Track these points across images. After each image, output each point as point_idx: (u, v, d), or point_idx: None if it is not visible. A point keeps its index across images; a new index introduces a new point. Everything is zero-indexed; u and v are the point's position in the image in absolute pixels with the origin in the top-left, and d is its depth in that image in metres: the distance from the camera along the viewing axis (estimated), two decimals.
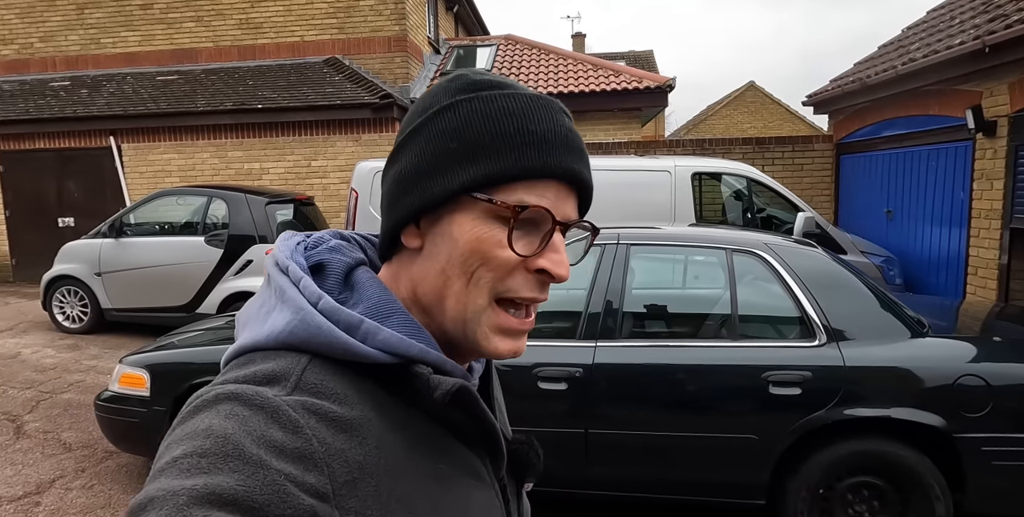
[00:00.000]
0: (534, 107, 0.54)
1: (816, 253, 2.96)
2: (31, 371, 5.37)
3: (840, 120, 8.30)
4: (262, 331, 0.52)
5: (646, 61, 19.45)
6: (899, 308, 2.77)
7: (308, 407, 0.46)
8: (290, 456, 0.43)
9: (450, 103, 0.53)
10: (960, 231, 5.76)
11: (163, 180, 9.25)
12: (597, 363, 2.71)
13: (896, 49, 7.45)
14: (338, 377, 0.49)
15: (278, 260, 0.55)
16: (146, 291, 6.21)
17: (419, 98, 0.59)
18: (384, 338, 0.50)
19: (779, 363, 2.61)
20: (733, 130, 27.25)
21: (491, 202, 0.52)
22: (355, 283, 0.56)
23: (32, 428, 4.18)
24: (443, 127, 0.53)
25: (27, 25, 10.78)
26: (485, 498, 0.57)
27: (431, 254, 0.55)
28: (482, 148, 0.52)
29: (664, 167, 5.57)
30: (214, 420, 0.43)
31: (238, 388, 0.46)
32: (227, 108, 8.85)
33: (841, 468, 2.61)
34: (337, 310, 0.51)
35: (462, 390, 0.51)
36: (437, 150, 0.53)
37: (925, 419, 2.51)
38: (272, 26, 10.21)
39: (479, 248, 0.52)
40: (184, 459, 0.41)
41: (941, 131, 5.99)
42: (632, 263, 2.95)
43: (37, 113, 9.32)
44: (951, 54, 5.30)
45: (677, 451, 2.67)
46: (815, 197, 8.27)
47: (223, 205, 6.20)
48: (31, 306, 7.80)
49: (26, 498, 3.29)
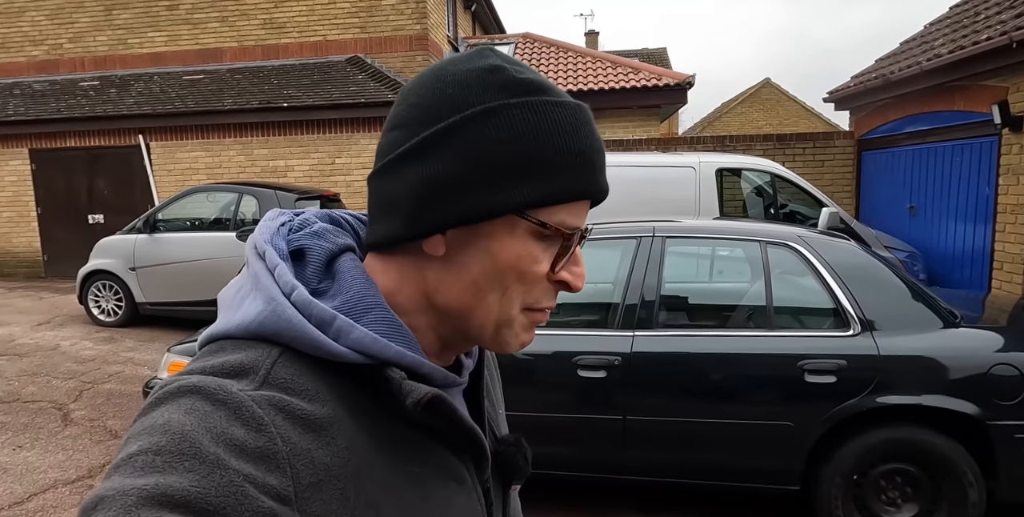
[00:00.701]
0: (580, 122, 0.51)
1: (849, 245, 3.02)
2: (71, 362, 5.53)
3: (862, 116, 8.29)
4: (234, 319, 0.49)
5: (660, 59, 19.41)
6: (932, 299, 2.82)
7: (275, 404, 0.43)
8: (251, 456, 0.40)
9: (497, 106, 0.49)
10: (985, 226, 5.76)
11: (190, 178, 9.43)
12: (635, 352, 2.79)
13: (919, 45, 7.44)
14: (310, 372, 0.47)
15: (256, 243, 0.52)
16: (179, 285, 6.36)
17: (437, 77, 0.52)
18: (357, 337, 0.48)
19: (814, 352, 2.68)
20: (748, 127, 27.12)
21: (543, 226, 0.50)
22: (337, 272, 0.53)
23: (78, 416, 4.33)
24: (493, 135, 0.48)
25: (56, 26, 11.01)
26: (467, 501, 0.55)
27: (459, 264, 0.51)
28: (537, 167, 0.49)
29: (689, 163, 5.63)
30: (173, 415, 0.41)
31: (201, 381, 0.43)
32: (253, 107, 9.01)
33: (875, 455, 2.67)
34: (310, 304, 0.48)
35: (435, 399, 0.49)
36: (487, 161, 0.49)
37: (959, 407, 2.56)
38: (295, 26, 10.36)
39: (518, 266, 0.51)
40: (139, 456, 0.39)
41: (966, 127, 5.99)
42: (667, 255, 3.02)
43: (68, 112, 9.53)
44: (977, 50, 5.31)
45: (713, 437, 2.75)
46: (836, 193, 8.27)
47: (253, 201, 6.34)
48: (65, 300, 8.00)
49: (79, 481, 3.43)
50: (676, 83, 9.75)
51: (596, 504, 3.17)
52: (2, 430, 4.07)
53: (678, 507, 3.12)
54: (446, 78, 0.51)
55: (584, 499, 3.22)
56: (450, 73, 0.51)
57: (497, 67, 0.50)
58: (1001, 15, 5.82)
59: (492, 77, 0.50)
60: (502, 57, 0.52)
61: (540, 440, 2.44)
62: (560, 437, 2.84)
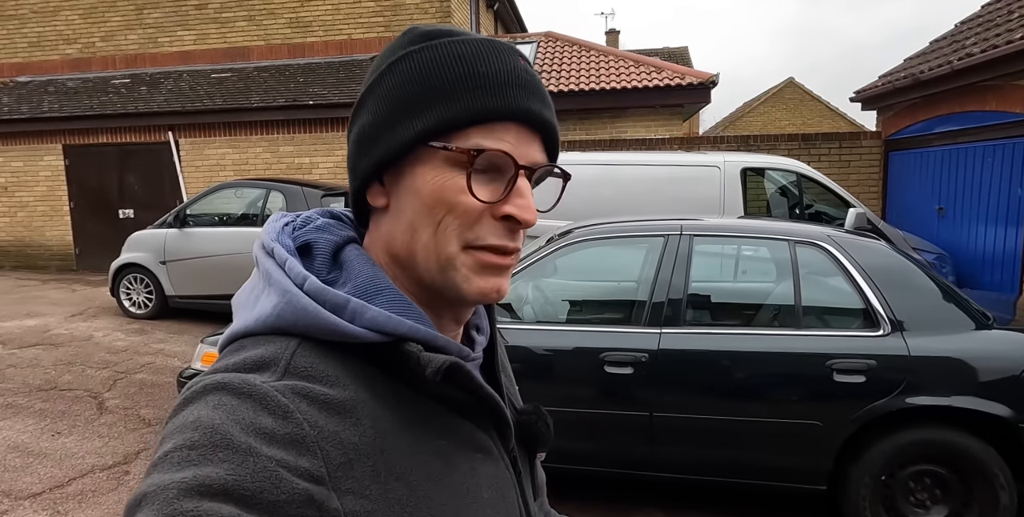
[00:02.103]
0: (485, 50, 0.52)
1: (879, 245, 3.01)
2: (105, 353, 5.68)
3: (889, 116, 8.18)
4: (251, 316, 0.51)
5: (681, 57, 19.23)
6: (963, 300, 2.80)
7: (298, 391, 0.45)
8: (281, 442, 0.42)
9: (402, 55, 0.53)
10: (1016, 229, 5.67)
11: (218, 174, 9.60)
12: (662, 349, 2.80)
13: (949, 44, 7.33)
14: (328, 359, 0.49)
15: (264, 242, 0.55)
16: (208, 279, 6.49)
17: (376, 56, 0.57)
18: (372, 317, 0.49)
19: (843, 352, 2.67)
20: (771, 127, 26.82)
21: (447, 149, 0.51)
22: (343, 262, 0.55)
23: (113, 405, 4.45)
24: (395, 80, 0.52)
25: (89, 25, 11.26)
26: (494, 471, 0.56)
27: (397, 210, 0.54)
28: (433, 95, 0.51)
29: (714, 162, 5.61)
30: (202, 411, 0.43)
31: (225, 377, 0.45)
32: (279, 104, 9.14)
33: (904, 456, 2.66)
34: (323, 291, 0.50)
35: (453, 366, 0.50)
36: (391, 103, 0.52)
37: (991, 409, 2.54)
38: (321, 25, 10.48)
39: (442, 196, 0.51)
40: (174, 453, 0.41)
41: (998, 127, 5.89)
42: (695, 253, 3.03)
43: (100, 109, 9.74)
44: (1011, 49, 5.22)
45: (740, 435, 2.75)
46: (862, 194, 8.18)
47: (280, 197, 6.45)
48: (97, 293, 8.19)
49: (115, 467, 3.54)
50: (700, 82, 9.69)
51: (621, 500, 3.19)
52: (41, 417, 4.20)
53: (703, 506, 3.13)
54: (382, 53, 0.56)
55: (609, 495, 3.24)
56: (386, 48, 0.56)
57: (411, 28, 0.55)
58: None
59: (405, 37, 0.55)
60: (426, 24, 0.56)
61: (566, 435, 2.47)
62: (586, 432, 2.87)
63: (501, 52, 0.53)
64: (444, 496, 0.50)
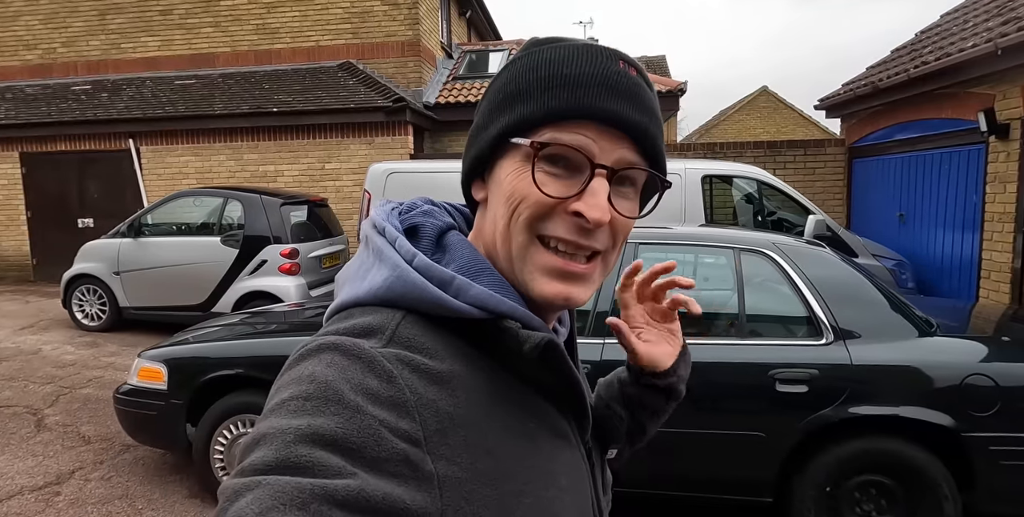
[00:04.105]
0: (578, 54, 0.54)
1: (824, 253, 2.98)
2: (51, 367, 5.48)
3: (852, 124, 8.28)
4: (361, 287, 0.54)
5: (659, 66, 19.44)
6: (907, 307, 2.78)
7: (401, 359, 0.48)
8: (385, 403, 0.45)
9: (508, 63, 0.58)
10: (973, 235, 5.73)
11: (180, 182, 9.41)
12: (605, 359, 2.74)
13: (908, 52, 7.44)
14: (430, 333, 0.51)
15: (375, 222, 0.58)
16: (163, 290, 6.32)
17: None
18: (475, 294, 0.52)
19: (786, 361, 2.63)
20: (745, 135, 27.16)
21: (522, 144, 0.54)
22: (447, 244, 0.58)
23: (52, 421, 4.28)
24: (497, 85, 0.58)
25: (50, 30, 11.02)
26: (572, 458, 0.58)
27: (491, 204, 0.58)
28: (519, 96, 0.55)
29: (674, 170, 5.60)
30: (317, 367, 0.46)
31: (338, 340, 0.49)
32: (243, 111, 8.99)
33: (849, 466, 2.62)
34: (431, 267, 0.53)
35: (550, 344, 0.52)
36: (489, 106, 0.58)
37: (933, 418, 2.51)
38: (288, 31, 10.37)
39: (518, 187, 0.54)
40: (291, 401, 0.44)
41: (954, 134, 5.97)
42: (641, 262, 2.97)
43: (59, 116, 9.51)
44: (964, 57, 5.29)
45: (684, 448, 2.70)
46: (827, 201, 8.25)
47: (239, 206, 6.31)
48: (51, 304, 7.95)
49: (46, 488, 3.38)
50: (668, 90, 9.75)
51: None
52: None
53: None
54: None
55: None
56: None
57: (531, 39, 0.59)
58: (988, 22, 5.81)
59: (521, 48, 0.60)
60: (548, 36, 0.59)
61: None
62: None
63: (596, 56, 0.55)
64: (528, 474, 0.52)
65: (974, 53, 5.13)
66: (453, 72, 11.37)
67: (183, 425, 3.24)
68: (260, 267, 6.08)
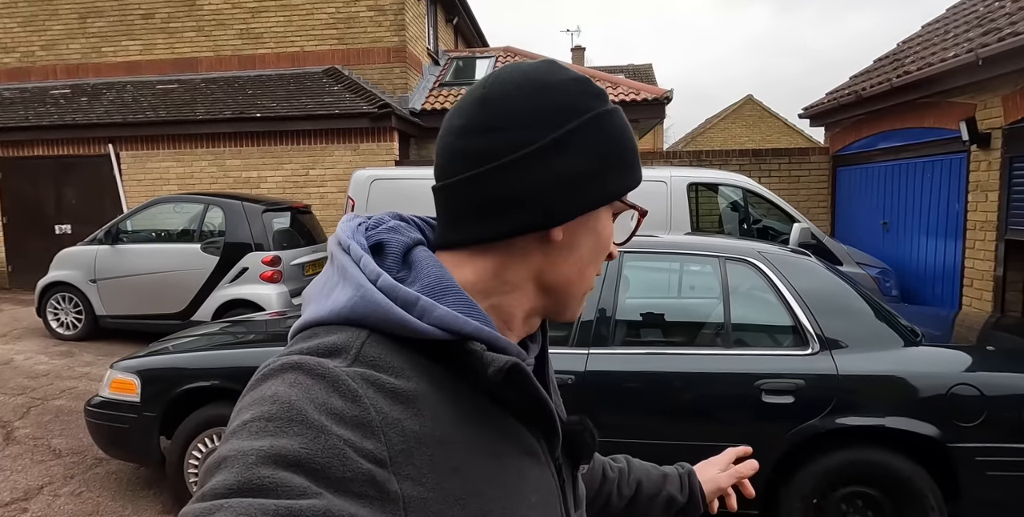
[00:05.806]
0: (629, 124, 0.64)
1: (809, 262, 2.96)
2: (23, 377, 5.33)
3: (836, 132, 8.35)
4: (325, 307, 0.54)
5: (645, 74, 19.61)
6: (892, 317, 2.76)
7: (367, 378, 0.48)
8: (349, 423, 0.45)
9: (602, 112, 0.58)
10: (955, 243, 5.77)
11: (161, 188, 9.26)
12: (589, 370, 2.70)
13: (891, 62, 7.52)
14: (395, 352, 0.51)
15: (340, 240, 0.58)
16: (141, 298, 6.19)
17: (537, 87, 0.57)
18: (440, 315, 0.52)
19: (772, 372, 2.60)
20: (731, 143, 27.39)
21: (633, 207, 0.63)
22: (413, 262, 0.57)
23: (22, 434, 4.15)
24: (604, 137, 0.58)
25: (29, 33, 10.85)
26: (541, 475, 0.59)
27: (571, 246, 0.59)
28: (626, 160, 0.60)
29: (660, 177, 5.59)
30: (280, 387, 0.46)
31: (302, 359, 0.48)
32: (226, 117, 8.88)
33: (835, 477, 2.59)
34: (395, 287, 0.52)
35: (515, 367, 0.52)
36: (602, 157, 0.58)
37: (918, 428, 2.49)
38: (272, 36, 10.28)
39: (608, 242, 0.62)
40: (253, 423, 0.44)
41: (936, 143, 6.02)
42: (625, 271, 2.94)
43: (36, 120, 9.34)
44: (945, 67, 5.34)
45: (669, 459, 2.64)
46: (812, 209, 8.29)
47: (220, 213, 6.20)
48: (26, 313, 7.77)
49: (13, 504, 3.26)
50: (654, 98, 9.78)
51: None
52: None
53: None
54: (547, 87, 0.57)
55: None
56: (548, 83, 0.58)
57: (582, 79, 0.60)
58: (969, 33, 5.88)
59: (586, 87, 0.59)
60: (571, 69, 0.61)
61: None
62: None
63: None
64: (495, 492, 0.52)
65: (955, 63, 5.18)
66: (439, 79, 11.34)
67: (156, 438, 3.15)
68: (241, 275, 5.97)
